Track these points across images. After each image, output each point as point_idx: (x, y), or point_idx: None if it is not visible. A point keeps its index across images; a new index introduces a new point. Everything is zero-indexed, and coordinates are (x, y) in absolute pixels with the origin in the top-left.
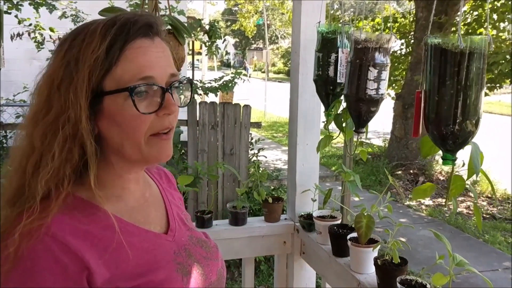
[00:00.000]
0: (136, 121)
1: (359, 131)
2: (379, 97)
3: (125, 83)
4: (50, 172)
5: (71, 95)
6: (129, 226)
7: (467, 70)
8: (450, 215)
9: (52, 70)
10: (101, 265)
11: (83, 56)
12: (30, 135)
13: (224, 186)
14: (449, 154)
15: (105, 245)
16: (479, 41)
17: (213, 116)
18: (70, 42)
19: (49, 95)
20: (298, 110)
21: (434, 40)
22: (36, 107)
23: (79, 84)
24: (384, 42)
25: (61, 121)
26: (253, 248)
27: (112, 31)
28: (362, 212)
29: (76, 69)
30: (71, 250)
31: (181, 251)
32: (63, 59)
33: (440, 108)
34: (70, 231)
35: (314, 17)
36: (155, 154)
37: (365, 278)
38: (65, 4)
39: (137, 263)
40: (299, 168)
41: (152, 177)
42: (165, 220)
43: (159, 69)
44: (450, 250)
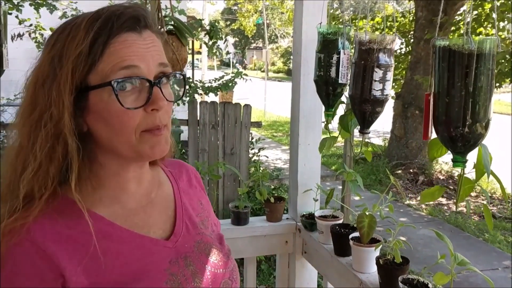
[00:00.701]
0: (123, 116)
1: (364, 131)
2: (384, 97)
3: (107, 76)
4: (33, 171)
5: (53, 92)
6: (121, 231)
7: (477, 72)
8: (450, 214)
9: (38, 67)
10: (79, 273)
11: (67, 51)
12: (19, 132)
13: (225, 186)
14: (459, 156)
15: (86, 251)
16: (488, 41)
17: (214, 116)
18: (56, 37)
19: (34, 92)
20: (300, 110)
21: (442, 42)
22: (24, 105)
23: (63, 80)
24: (388, 43)
25: (44, 119)
26: (255, 248)
27: (96, 25)
28: (364, 211)
29: (59, 65)
30: (48, 256)
31: (179, 260)
32: (49, 54)
33: (450, 111)
34: (51, 236)
35: (315, 17)
36: (147, 151)
37: (367, 277)
38: (66, 4)
39: (121, 272)
40: (301, 168)
41: (169, 175)
42: (171, 223)
43: (146, 60)
44: (452, 249)
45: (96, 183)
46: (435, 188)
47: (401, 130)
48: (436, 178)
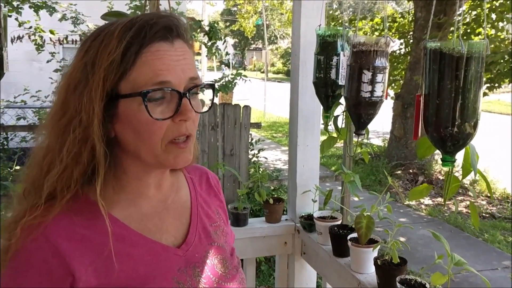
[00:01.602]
0: (151, 126)
1: (358, 133)
2: (374, 100)
3: (139, 87)
4: (58, 173)
5: (85, 98)
6: (134, 235)
7: (467, 74)
8: (450, 214)
9: (70, 71)
10: (89, 272)
11: (99, 58)
12: (48, 135)
13: (224, 187)
14: (448, 155)
15: (98, 251)
16: (478, 45)
17: (213, 117)
18: (90, 43)
19: (66, 97)
20: (298, 111)
21: (432, 44)
22: (54, 108)
23: (94, 87)
24: (380, 45)
25: (73, 124)
26: (254, 249)
27: (129, 34)
28: (362, 212)
29: (92, 71)
30: (60, 254)
31: (188, 269)
32: (82, 60)
33: (439, 111)
34: (66, 234)
35: (314, 18)
36: (171, 161)
37: (365, 278)
38: (65, 7)
39: (130, 275)
40: (300, 169)
41: (189, 181)
42: (184, 231)
43: (176, 73)
44: (449, 249)
45: (117, 186)
46: (423, 186)
47: (401, 130)
48: (436, 178)
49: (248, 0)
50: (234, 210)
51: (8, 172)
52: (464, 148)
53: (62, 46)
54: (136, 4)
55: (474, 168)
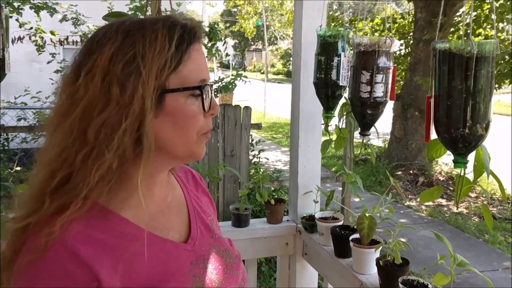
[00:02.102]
0: (194, 119)
1: (363, 133)
2: (378, 100)
3: (190, 82)
4: (105, 166)
5: (139, 89)
6: (144, 234)
7: (477, 74)
8: (450, 215)
9: (104, 65)
10: (112, 275)
11: (150, 52)
12: (82, 129)
13: (225, 188)
14: (460, 157)
15: (118, 254)
16: (488, 44)
17: (214, 118)
18: (124, 38)
19: (106, 90)
20: (300, 112)
21: (442, 45)
22: (87, 102)
23: (149, 79)
24: (382, 45)
25: (124, 114)
26: (256, 250)
27: (178, 32)
28: (364, 213)
29: (143, 64)
30: (83, 260)
31: (199, 262)
32: (119, 54)
33: (451, 113)
34: (83, 239)
35: (315, 19)
36: (201, 151)
37: (367, 278)
38: (66, 8)
39: (149, 274)
40: (301, 170)
41: (178, 179)
42: (186, 227)
43: (207, 72)
44: (451, 250)
45: (129, 185)
46: (434, 188)
47: (401, 131)
48: (436, 179)
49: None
50: (235, 211)
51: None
52: (475, 150)
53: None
54: (136, 5)
55: (486, 169)
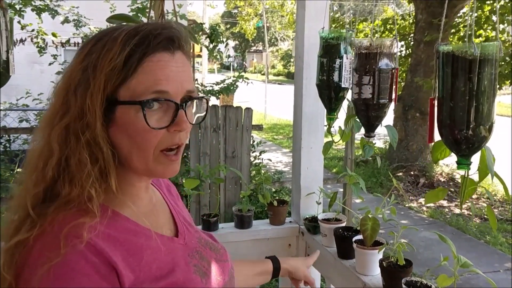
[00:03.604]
0: (147, 134)
1: (368, 135)
2: (382, 102)
3: (138, 95)
4: (84, 175)
5: (87, 101)
6: (145, 230)
7: (480, 76)
8: (451, 216)
9: (70, 72)
10: (126, 268)
11: (101, 62)
12: (47, 136)
13: (227, 189)
14: (463, 159)
15: (127, 248)
16: (491, 47)
17: (215, 119)
18: (91, 47)
19: (66, 97)
20: (302, 113)
21: (445, 48)
22: (53, 109)
23: (95, 90)
24: (384, 47)
25: (79, 126)
26: (259, 251)
27: (133, 42)
28: (367, 214)
29: (93, 75)
30: (99, 252)
31: (194, 254)
32: (82, 62)
33: (454, 114)
34: (95, 234)
35: (317, 21)
36: (161, 171)
37: (370, 279)
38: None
39: (158, 265)
40: (304, 172)
41: (152, 182)
42: (173, 224)
43: (175, 84)
44: (455, 251)
45: (122, 188)
46: (438, 189)
47: (402, 132)
48: (437, 180)
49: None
50: (238, 212)
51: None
52: (478, 151)
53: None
54: (138, 7)
55: (491, 171)
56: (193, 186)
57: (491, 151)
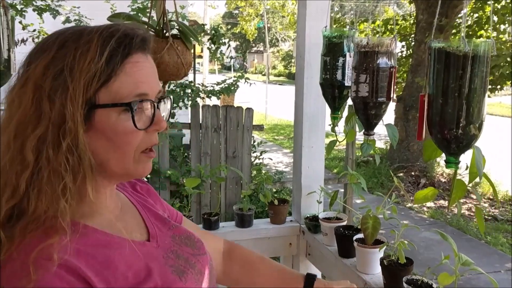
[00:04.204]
0: (128, 136)
1: (368, 133)
2: (380, 100)
3: (121, 98)
4: (58, 187)
5: (68, 106)
6: (116, 238)
7: (471, 74)
8: (452, 217)
9: (36, 78)
10: (101, 282)
11: (78, 65)
12: (19, 147)
13: (227, 189)
14: (452, 157)
15: (100, 261)
16: (483, 44)
17: (216, 119)
18: (58, 50)
19: (38, 105)
20: (303, 113)
21: (437, 44)
22: (21, 117)
23: (75, 95)
24: (383, 46)
25: (58, 133)
26: (259, 250)
27: (112, 43)
28: (368, 213)
29: (71, 78)
30: (73, 269)
31: (169, 254)
32: (50, 66)
33: (443, 112)
34: (64, 251)
35: (318, 21)
36: (141, 171)
37: (371, 278)
38: (68, 9)
39: (133, 273)
40: (304, 171)
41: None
42: (143, 226)
43: (151, 85)
44: (456, 250)
45: (86, 197)
46: (428, 190)
47: (403, 133)
48: (438, 180)
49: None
50: (239, 211)
51: None
52: (468, 150)
53: None
54: (138, 7)
55: (479, 172)
56: (194, 185)
57: (481, 151)
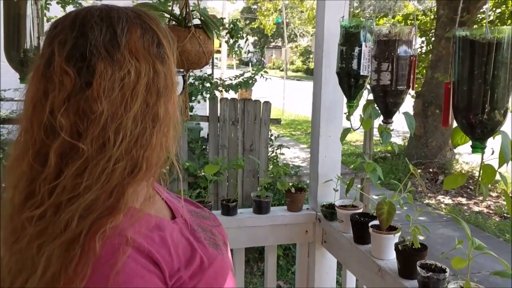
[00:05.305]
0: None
1: (386, 121)
2: (399, 89)
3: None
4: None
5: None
6: (161, 220)
7: (494, 60)
8: (470, 214)
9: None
10: (162, 261)
11: (169, 55)
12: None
13: (244, 181)
14: (478, 142)
15: (156, 242)
16: (507, 31)
17: (234, 112)
18: (163, 38)
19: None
20: (321, 102)
21: (462, 33)
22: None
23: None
24: (402, 35)
25: (171, 121)
26: (276, 236)
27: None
28: (383, 200)
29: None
30: (143, 251)
31: (196, 228)
32: (153, 61)
33: (468, 98)
34: (142, 237)
35: (337, 12)
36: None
37: (386, 263)
38: (91, 3)
39: (182, 250)
40: (322, 159)
41: None
42: (165, 204)
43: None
44: (469, 233)
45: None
46: (458, 174)
47: (421, 129)
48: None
49: None
50: (257, 198)
51: None
52: (493, 135)
53: None
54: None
55: (506, 157)
56: (214, 172)
57: (508, 137)
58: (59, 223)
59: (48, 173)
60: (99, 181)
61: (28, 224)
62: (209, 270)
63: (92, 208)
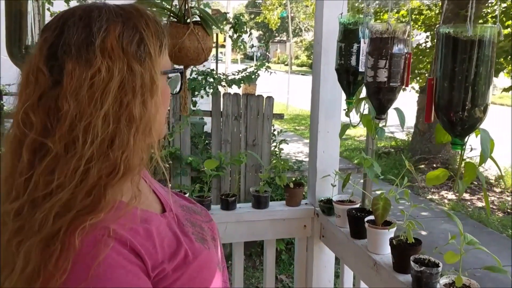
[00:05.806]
0: (168, 100)
1: (379, 117)
2: (392, 85)
3: (169, 66)
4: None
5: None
6: (148, 213)
7: (476, 58)
8: (473, 209)
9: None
10: (145, 253)
11: (153, 54)
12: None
13: (246, 177)
14: (458, 139)
15: (141, 235)
16: (489, 29)
17: (237, 107)
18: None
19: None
20: (320, 98)
21: (445, 30)
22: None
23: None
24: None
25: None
26: (275, 231)
27: (161, 27)
28: (379, 195)
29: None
30: (124, 243)
31: (185, 222)
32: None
33: (449, 95)
34: (127, 231)
35: (336, 7)
36: (165, 131)
37: (381, 258)
38: None
39: (167, 243)
40: (320, 155)
41: None
42: (155, 197)
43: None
44: (461, 229)
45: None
46: (439, 171)
47: (425, 124)
48: (460, 173)
49: None
50: (255, 193)
51: None
52: (473, 132)
53: None
54: None
55: (485, 154)
56: (213, 167)
57: (488, 134)
58: (35, 221)
59: (22, 168)
60: (72, 179)
61: (8, 219)
62: (193, 264)
63: (69, 207)
